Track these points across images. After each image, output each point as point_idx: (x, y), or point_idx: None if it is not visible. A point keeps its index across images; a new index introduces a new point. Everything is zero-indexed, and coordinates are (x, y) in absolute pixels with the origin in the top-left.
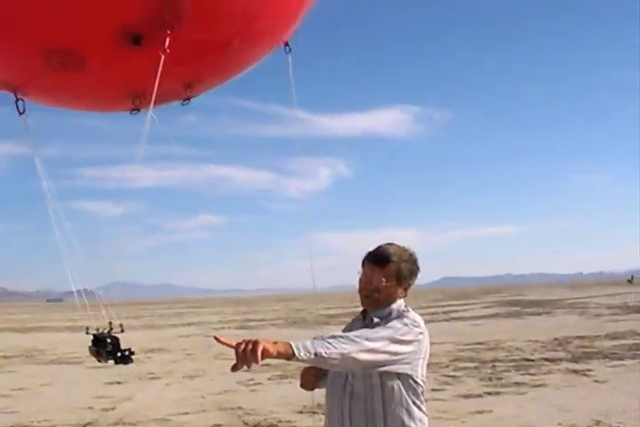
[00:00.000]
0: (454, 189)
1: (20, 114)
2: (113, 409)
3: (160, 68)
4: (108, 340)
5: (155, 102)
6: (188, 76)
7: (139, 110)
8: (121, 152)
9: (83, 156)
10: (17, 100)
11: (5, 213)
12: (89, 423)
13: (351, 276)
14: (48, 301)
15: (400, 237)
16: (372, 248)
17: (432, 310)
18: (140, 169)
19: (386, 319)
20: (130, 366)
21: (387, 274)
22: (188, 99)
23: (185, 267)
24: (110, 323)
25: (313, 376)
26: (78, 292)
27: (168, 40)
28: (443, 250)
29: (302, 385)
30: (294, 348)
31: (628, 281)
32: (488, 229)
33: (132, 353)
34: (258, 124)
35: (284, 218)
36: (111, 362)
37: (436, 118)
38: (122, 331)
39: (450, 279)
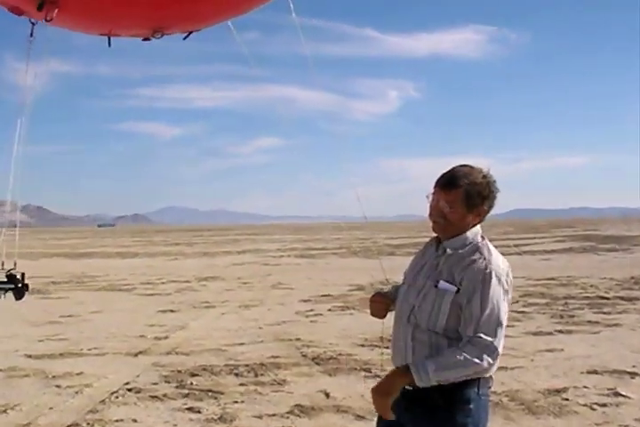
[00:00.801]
0: (527, 115)
1: (31, 36)
2: (166, 338)
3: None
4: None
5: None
6: (153, 24)
7: (148, 39)
8: (178, 71)
9: (137, 75)
10: (33, 24)
11: (52, 135)
12: (141, 352)
13: (418, 204)
14: (99, 226)
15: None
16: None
17: (502, 242)
18: (198, 89)
19: (460, 250)
20: (176, 294)
21: (452, 199)
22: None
23: (242, 192)
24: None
25: (382, 304)
26: None
27: (54, 12)
28: (514, 180)
29: (372, 313)
30: (415, 378)
31: None
32: (562, 159)
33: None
34: (323, 43)
35: (348, 142)
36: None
37: (512, 39)
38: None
39: (521, 211)
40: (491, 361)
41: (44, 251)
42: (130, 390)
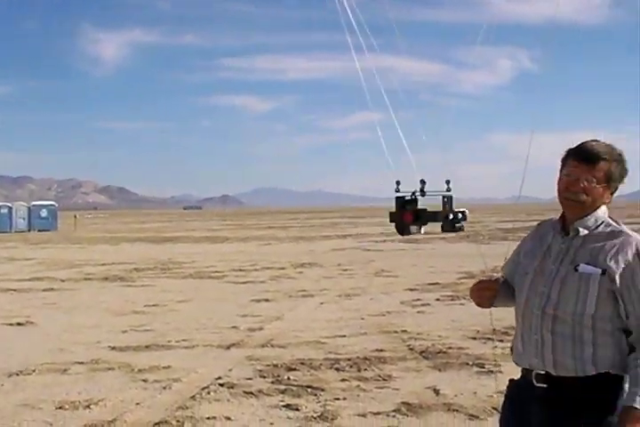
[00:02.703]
0: None
1: None
2: (260, 330)
3: None
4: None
5: None
6: None
7: None
8: (270, 40)
9: (226, 44)
10: None
11: (133, 111)
12: (233, 345)
13: (533, 185)
14: (185, 208)
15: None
16: (574, 146)
17: (630, 227)
18: (291, 59)
19: (595, 230)
20: (270, 282)
21: (596, 174)
22: None
23: (340, 171)
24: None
25: (490, 291)
26: None
27: None
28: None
29: (477, 302)
30: None
31: None
32: None
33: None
34: (426, 8)
35: (455, 116)
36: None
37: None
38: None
39: None
40: None
41: (126, 235)
42: (222, 385)
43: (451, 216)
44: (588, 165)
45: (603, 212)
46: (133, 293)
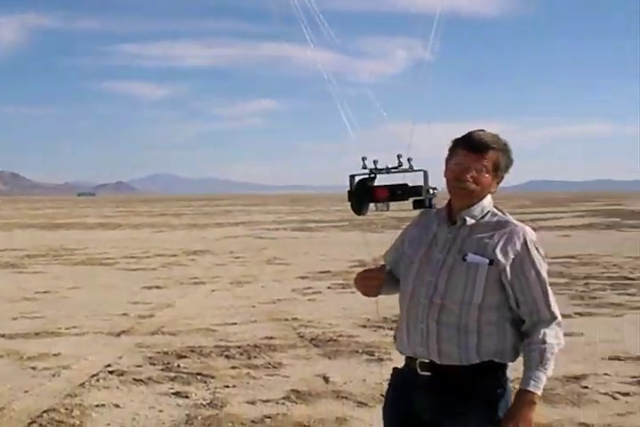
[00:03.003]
0: (546, 77)
1: None
2: (151, 317)
3: None
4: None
5: None
6: None
7: None
8: (165, 26)
9: (122, 30)
10: None
11: (28, 95)
12: (123, 332)
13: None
14: (79, 195)
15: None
16: (460, 136)
17: (517, 217)
18: (187, 46)
19: (482, 219)
20: (162, 269)
21: (485, 163)
22: None
23: (234, 159)
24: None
25: (377, 280)
26: None
27: None
28: (531, 149)
29: (363, 291)
30: (539, 393)
31: None
32: (584, 126)
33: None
34: None
35: (351, 105)
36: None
37: None
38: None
39: (538, 183)
40: (563, 340)
41: (19, 221)
42: (111, 372)
43: (431, 191)
44: (476, 155)
45: (488, 202)
46: (25, 279)
